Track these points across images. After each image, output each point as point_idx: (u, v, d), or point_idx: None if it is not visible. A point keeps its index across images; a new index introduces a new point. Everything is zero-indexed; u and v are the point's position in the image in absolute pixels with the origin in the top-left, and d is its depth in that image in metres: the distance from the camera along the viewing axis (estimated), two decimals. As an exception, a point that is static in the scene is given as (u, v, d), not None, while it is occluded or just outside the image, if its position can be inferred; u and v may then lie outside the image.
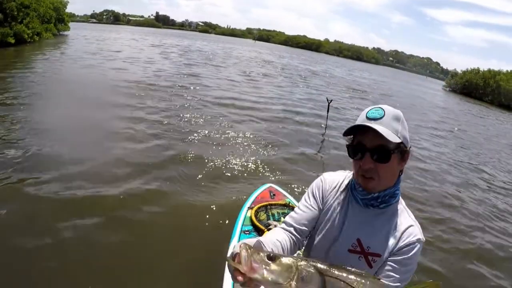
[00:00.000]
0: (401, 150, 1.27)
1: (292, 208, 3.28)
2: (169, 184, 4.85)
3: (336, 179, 1.48)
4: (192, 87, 12.27)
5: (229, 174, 5.47)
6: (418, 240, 1.29)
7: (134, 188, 4.57)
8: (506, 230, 5.55)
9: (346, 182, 1.45)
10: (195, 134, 7.03)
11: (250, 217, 3.21)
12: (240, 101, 11.13)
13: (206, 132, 7.28)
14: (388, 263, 1.30)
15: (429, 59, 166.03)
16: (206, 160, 5.80)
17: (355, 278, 1.03)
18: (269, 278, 0.95)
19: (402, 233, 1.29)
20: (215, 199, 4.56)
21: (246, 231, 3.07)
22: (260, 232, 3.01)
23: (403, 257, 1.27)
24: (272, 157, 6.49)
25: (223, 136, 7.23)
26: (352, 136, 1.34)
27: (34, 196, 4.06)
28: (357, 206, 1.37)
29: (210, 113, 8.93)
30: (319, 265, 1.03)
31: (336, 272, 1.03)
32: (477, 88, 46.71)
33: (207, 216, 4.14)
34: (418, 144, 10.03)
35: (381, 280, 1.15)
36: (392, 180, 1.32)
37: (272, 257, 0.98)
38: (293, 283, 0.96)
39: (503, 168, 9.77)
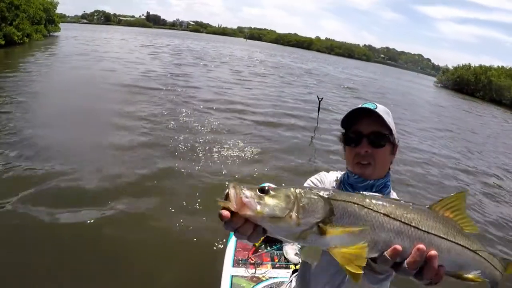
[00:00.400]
0: (392, 141, 1.35)
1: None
2: (162, 191, 4.82)
3: (330, 177, 1.54)
4: (182, 89, 12.10)
5: (223, 177, 5.48)
6: None
7: (126, 202, 4.40)
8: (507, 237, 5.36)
9: (338, 180, 1.50)
10: (187, 138, 6.96)
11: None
12: (230, 103, 11.00)
13: (198, 136, 7.21)
14: None
15: (420, 55, 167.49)
16: (200, 164, 5.81)
17: (374, 201, 0.89)
18: (264, 212, 0.81)
19: None
20: (211, 201, 4.56)
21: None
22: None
23: None
24: (264, 160, 6.50)
25: (215, 140, 7.14)
26: (344, 131, 1.40)
27: (13, 212, 3.86)
28: None
29: (200, 117, 8.80)
30: (322, 191, 0.90)
31: (346, 196, 0.90)
32: (468, 84, 47.09)
33: (204, 218, 4.18)
34: (416, 146, 9.85)
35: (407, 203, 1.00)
36: (384, 170, 1.37)
37: (266, 190, 0.84)
38: (293, 214, 0.82)
39: (505, 169, 9.53)
